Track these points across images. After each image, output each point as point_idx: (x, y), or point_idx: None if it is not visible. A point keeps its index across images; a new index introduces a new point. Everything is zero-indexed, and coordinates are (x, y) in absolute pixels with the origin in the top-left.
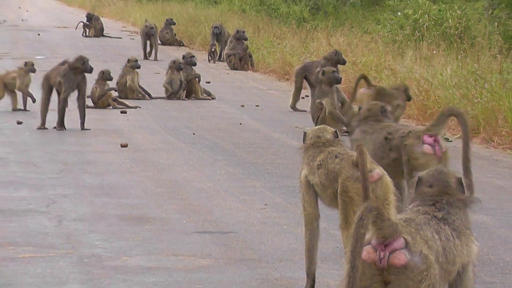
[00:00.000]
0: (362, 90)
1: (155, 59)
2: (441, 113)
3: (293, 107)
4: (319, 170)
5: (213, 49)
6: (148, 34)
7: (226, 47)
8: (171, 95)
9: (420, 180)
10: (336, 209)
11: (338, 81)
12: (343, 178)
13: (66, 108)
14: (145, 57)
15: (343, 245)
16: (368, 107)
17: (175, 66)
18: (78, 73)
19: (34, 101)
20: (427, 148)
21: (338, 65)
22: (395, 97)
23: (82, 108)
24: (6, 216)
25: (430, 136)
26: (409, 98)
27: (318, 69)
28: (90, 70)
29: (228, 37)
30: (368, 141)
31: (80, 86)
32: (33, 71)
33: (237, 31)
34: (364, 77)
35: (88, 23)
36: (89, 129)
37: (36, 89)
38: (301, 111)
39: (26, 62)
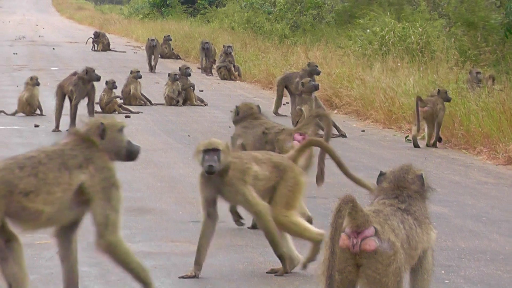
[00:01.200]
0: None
1: (154, 70)
2: (310, 115)
3: (276, 113)
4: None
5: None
6: (151, 48)
7: (217, 61)
8: (173, 100)
9: (382, 176)
10: None
11: (316, 88)
12: None
13: (77, 113)
14: (150, 70)
15: None
16: (245, 108)
17: (171, 78)
18: (87, 82)
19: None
20: (295, 143)
21: (314, 76)
22: (437, 103)
23: (91, 113)
24: None
25: (300, 134)
26: (447, 99)
27: (297, 79)
28: (97, 79)
29: (214, 52)
30: (249, 135)
31: (90, 94)
32: (38, 84)
33: (224, 46)
34: (419, 99)
35: (96, 39)
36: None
37: (50, 97)
38: (282, 116)
39: (31, 77)
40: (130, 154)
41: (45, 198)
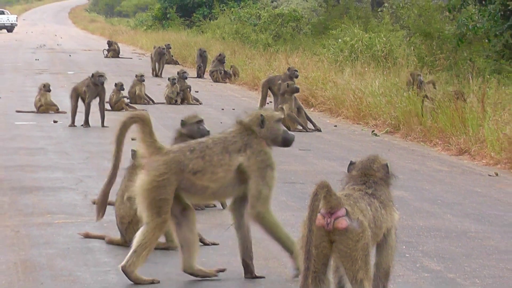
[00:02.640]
0: None
1: (161, 75)
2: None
3: None
4: None
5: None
6: (159, 54)
7: (210, 66)
8: (172, 100)
9: (352, 165)
10: None
11: (298, 90)
12: None
13: (90, 111)
14: (156, 75)
15: None
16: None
17: (170, 81)
18: (97, 84)
19: (58, 109)
20: None
21: (293, 79)
22: None
23: (102, 110)
24: (45, 191)
25: None
26: None
27: (279, 81)
28: (101, 83)
29: (208, 58)
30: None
31: (100, 94)
32: (49, 90)
33: (219, 54)
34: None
35: (110, 47)
36: (108, 126)
37: (67, 97)
38: None
39: (44, 84)
40: (286, 141)
41: (210, 177)
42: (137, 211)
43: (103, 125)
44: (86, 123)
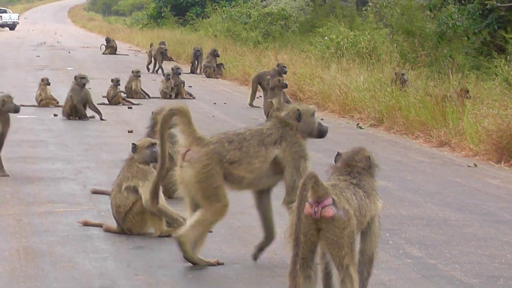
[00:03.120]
0: None
1: (156, 72)
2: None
3: (251, 104)
4: None
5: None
6: (162, 54)
7: (204, 60)
8: (167, 95)
9: (339, 156)
10: None
11: (286, 86)
12: None
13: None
14: (153, 72)
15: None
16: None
17: (165, 76)
18: (81, 87)
19: (57, 102)
20: None
21: (282, 74)
22: None
23: (94, 110)
24: (46, 182)
25: None
26: None
27: (268, 77)
28: (83, 85)
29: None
30: None
31: (84, 97)
32: (49, 84)
33: (214, 49)
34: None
35: (108, 43)
36: (105, 120)
37: (65, 91)
38: (256, 107)
39: (42, 79)
40: (321, 132)
41: (246, 167)
42: (134, 201)
43: (101, 119)
44: (84, 117)
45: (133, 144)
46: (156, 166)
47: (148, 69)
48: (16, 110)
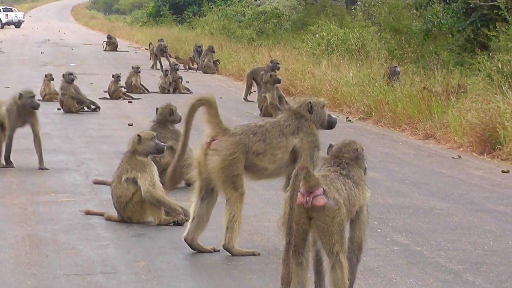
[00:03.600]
0: None
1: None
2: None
3: (245, 99)
4: None
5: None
6: (162, 51)
7: (201, 58)
8: (165, 90)
9: (331, 148)
10: None
11: (279, 81)
12: None
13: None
14: (153, 68)
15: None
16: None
17: (164, 72)
18: (69, 83)
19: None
20: None
21: (275, 70)
22: None
23: (89, 107)
24: (50, 173)
25: None
26: None
27: (262, 72)
28: (72, 80)
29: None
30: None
31: (74, 91)
32: (52, 79)
33: (210, 46)
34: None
35: (109, 40)
36: (98, 108)
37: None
38: (250, 101)
39: (46, 74)
40: (331, 124)
41: (270, 158)
42: (133, 192)
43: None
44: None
45: (138, 135)
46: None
47: (154, 67)
48: (34, 106)
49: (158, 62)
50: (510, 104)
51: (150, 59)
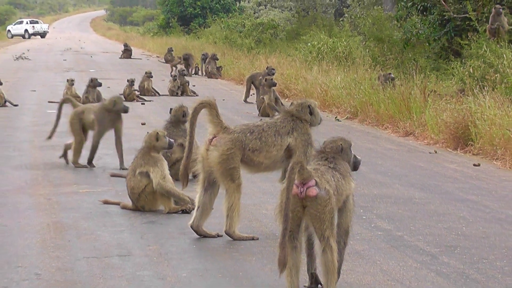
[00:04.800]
0: None
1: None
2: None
3: (245, 101)
4: None
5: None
6: (185, 60)
7: (205, 64)
8: (174, 93)
9: (324, 143)
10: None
11: (275, 84)
12: None
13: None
14: (190, 74)
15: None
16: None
17: (172, 77)
18: (94, 87)
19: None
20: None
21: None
22: None
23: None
24: (71, 167)
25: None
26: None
27: (260, 77)
28: (100, 84)
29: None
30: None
31: (98, 96)
32: (73, 84)
33: (213, 54)
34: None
35: (125, 48)
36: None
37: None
38: (249, 103)
39: (68, 79)
40: (321, 122)
41: (265, 155)
42: (146, 184)
43: None
44: None
45: (157, 133)
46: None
47: (189, 73)
48: (125, 110)
49: (189, 69)
50: (481, 105)
51: (187, 66)
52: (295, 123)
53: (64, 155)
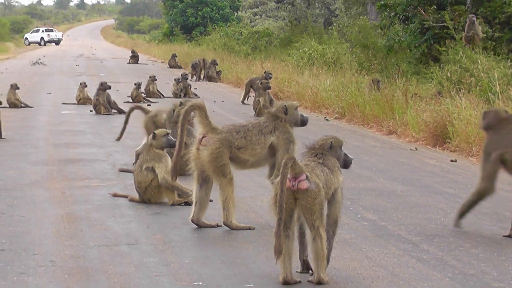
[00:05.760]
0: None
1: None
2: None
3: (243, 102)
4: None
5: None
6: (193, 66)
7: (206, 69)
8: (177, 95)
9: (315, 141)
10: None
11: (269, 87)
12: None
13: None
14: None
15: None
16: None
17: (176, 80)
18: (104, 90)
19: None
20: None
21: (268, 79)
22: None
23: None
24: (84, 163)
25: None
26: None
27: (258, 81)
28: (109, 87)
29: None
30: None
31: (108, 98)
32: (86, 86)
33: (213, 60)
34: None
35: (133, 54)
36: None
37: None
38: (246, 104)
39: (80, 83)
40: (303, 122)
41: (250, 152)
42: (152, 178)
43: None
44: (109, 112)
45: (153, 133)
46: (174, 150)
47: (197, 78)
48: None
49: (199, 73)
50: (457, 106)
51: (193, 76)
52: (276, 122)
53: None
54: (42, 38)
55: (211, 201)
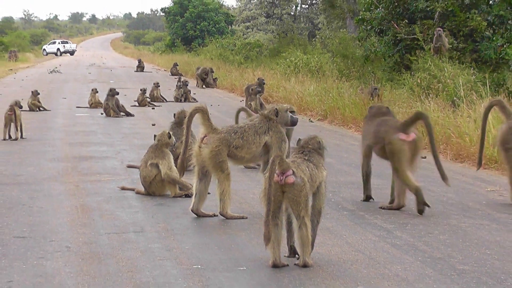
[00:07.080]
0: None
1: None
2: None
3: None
4: None
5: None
6: (203, 74)
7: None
8: (178, 99)
9: (299, 141)
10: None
11: (258, 92)
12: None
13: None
14: (202, 87)
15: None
16: (177, 115)
17: (177, 86)
18: (112, 96)
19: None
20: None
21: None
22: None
23: (123, 112)
24: (95, 159)
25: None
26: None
27: (251, 87)
28: (117, 93)
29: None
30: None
31: (116, 102)
32: (97, 92)
33: (210, 68)
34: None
35: (139, 63)
36: (133, 115)
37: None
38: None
39: (92, 89)
40: (293, 123)
41: (246, 151)
42: (156, 174)
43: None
44: (120, 114)
45: (155, 135)
46: (175, 148)
47: (201, 85)
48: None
49: (201, 83)
50: (427, 109)
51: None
52: (269, 123)
53: None
54: (58, 49)
55: (209, 193)
